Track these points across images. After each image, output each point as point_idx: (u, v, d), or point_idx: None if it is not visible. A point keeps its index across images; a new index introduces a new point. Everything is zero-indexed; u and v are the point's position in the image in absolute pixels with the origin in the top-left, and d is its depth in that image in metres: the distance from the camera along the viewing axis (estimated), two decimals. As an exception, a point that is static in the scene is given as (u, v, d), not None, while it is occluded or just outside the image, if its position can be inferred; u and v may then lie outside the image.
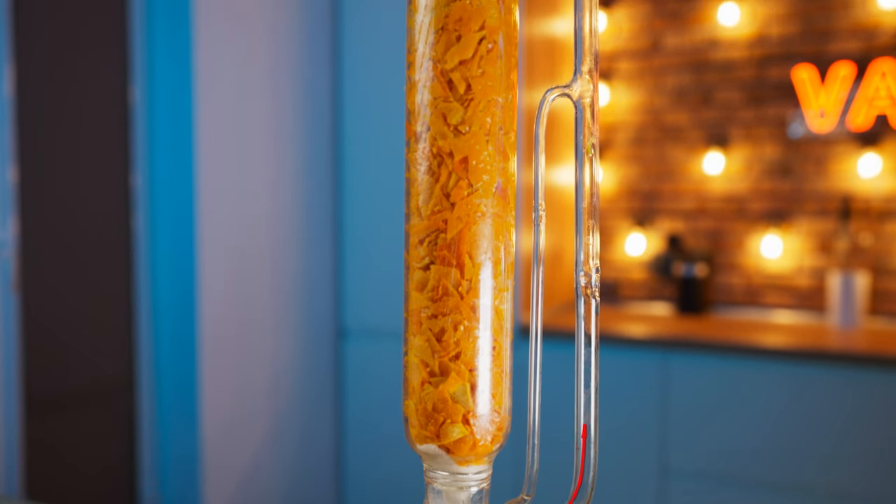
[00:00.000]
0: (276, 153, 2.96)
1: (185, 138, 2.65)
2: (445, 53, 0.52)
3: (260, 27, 2.88)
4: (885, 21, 2.85)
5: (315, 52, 3.11)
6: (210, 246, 2.70)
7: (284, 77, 2.98)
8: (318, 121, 3.13)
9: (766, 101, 3.04)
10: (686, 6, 3.15)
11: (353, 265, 3.17)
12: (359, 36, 3.12)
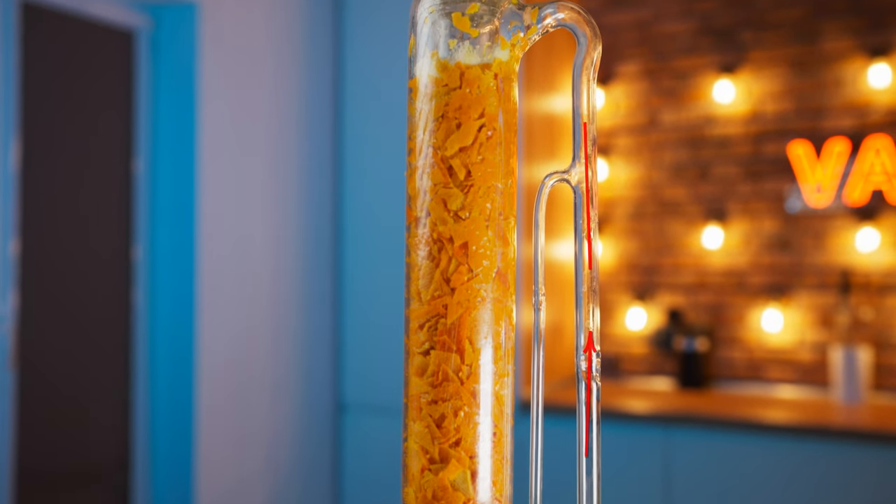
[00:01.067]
0: (277, 225, 2.97)
1: (186, 210, 2.67)
2: (446, 140, 0.53)
3: (263, 97, 2.93)
4: (877, 99, 2.90)
5: (317, 124, 3.15)
6: (209, 320, 2.69)
7: (286, 148, 3.02)
8: (320, 191, 3.16)
9: (764, 176, 3.07)
10: (682, 84, 3.21)
11: (353, 338, 3.16)
12: (360, 107, 3.17)
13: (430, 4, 0.53)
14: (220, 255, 2.74)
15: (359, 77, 3.18)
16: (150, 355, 2.73)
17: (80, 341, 2.53)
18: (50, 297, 2.43)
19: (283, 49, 3.01)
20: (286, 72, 3.02)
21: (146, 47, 2.73)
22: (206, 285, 2.68)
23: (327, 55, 3.21)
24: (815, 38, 3.00)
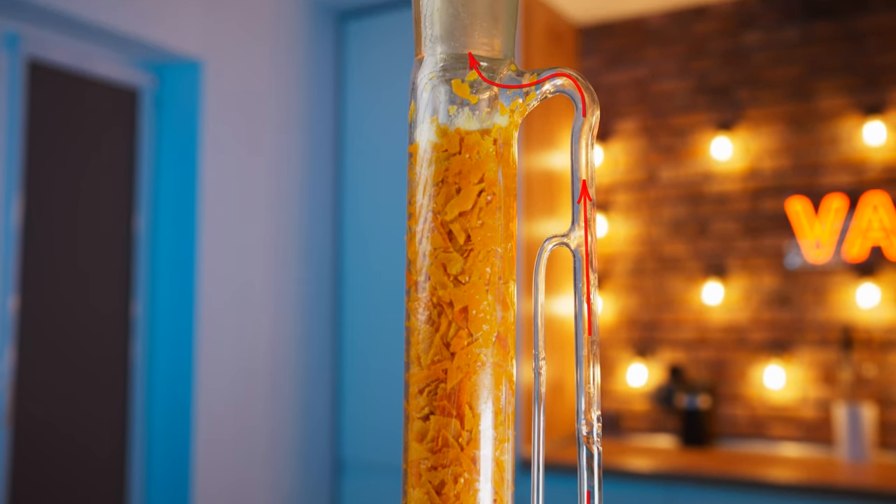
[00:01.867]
0: (276, 283, 2.97)
1: (186, 267, 2.67)
2: (445, 205, 0.53)
3: (264, 156, 2.95)
4: (873, 156, 2.92)
5: (317, 183, 3.17)
6: (207, 377, 2.67)
7: (287, 206, 3.03)
8: (320, 249, 3.17)
9: (762, 231, 3.08)
10: (680, 141, 3.24)
11: (353, 396, 3.13)
12: (360, 169, 3.19)
13: (431, 71, 0.54)
14: (219, 312, 2.73)
15: (359, 139, 3.21)
16: (148, 411, 2.70)
17: (78, 397, 2.51)
18: (48, 353, 2.42)
19: (286, 108, 3.04)
20: (288, 131, 3.05)
21: (150, 105, 2.76)
22: (204, 342, 2.66)
23: (328, 116, 3.24)
24: (810, 96, 3.04)
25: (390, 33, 3.18)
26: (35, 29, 2.40)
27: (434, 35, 0.54)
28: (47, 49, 2.43)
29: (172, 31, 2.60)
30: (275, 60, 3.00)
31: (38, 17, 2.33)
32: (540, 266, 0.56)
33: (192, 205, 2.68)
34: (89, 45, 2.55)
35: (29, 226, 2.37)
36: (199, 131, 2.69)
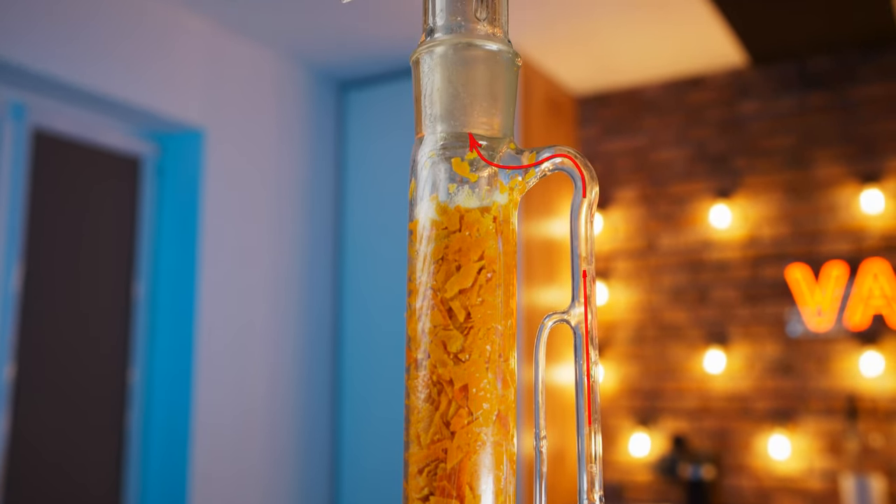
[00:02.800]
0: (275, 357, 2.95)
1: (185, 335, 2.66)
2: (445, 282, 0.53)
3: (265, 224, 2.96)
4: (871, 224, 2.94)
5: (318, 256, 3.18)
6: (203, 448, 2.64)
7: (287, 277, 3.03)
8: (319, 325, 3.15)
9: (763, 299, 3.07)
10: (678, 209, 3.26)
11: (351, 481, 3.08)
12: (360, 243, 3.20)
13: (431, 149, 0.54)
14: (216, 381, 2.71)
15: (360, 208, 3.23)
16: (143, 481, 2.66)
17: (74, 465, 2.47)
18: (44, 421, 2.39)
19: (287, 177, 3.07)
20: (289, 200, 3.07)
21: (151, 173, 2.78)
22: (201, 411, 2.64)
23: (329, 185, 3.27)
24: (807, 164, 3.07)
25: (391, 103, 3.23)
26: (41, 98, 2.44)
27: (434, 114, 0.54)
28: (52, 118, 2.46)
29: (175, 100, 2.64)
30: (276, 129, 3.04)
31: (44, 87, 2.37)
32: (540, 344, 0.56)
33: (191, 272, 2.68)
34: (93, 115, 2.59)
35: (28, 293, 2.36)
36: (200, 199, 2.71)
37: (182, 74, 2.68)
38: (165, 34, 2.63)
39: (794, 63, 3.14)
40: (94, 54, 2.41)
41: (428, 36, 0.55)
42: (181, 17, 2.69)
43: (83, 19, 2.38)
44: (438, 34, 0.54)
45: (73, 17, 2.36)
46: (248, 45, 2.95)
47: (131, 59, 2.52)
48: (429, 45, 0.54)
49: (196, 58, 2.73)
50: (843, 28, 2.92)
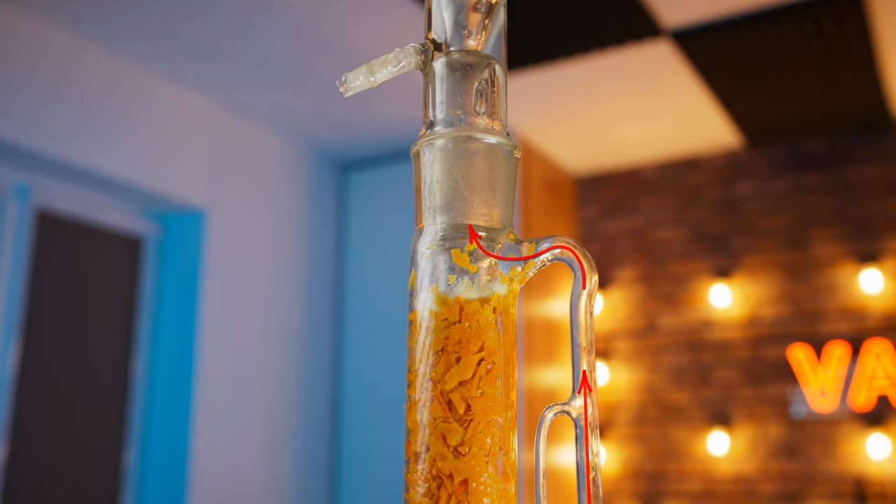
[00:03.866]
0: (273, 438, 2.91)
1: (182, 414, 2.63)
2: (445, 374, 0.53)
3: (264, 305, 2.96)
4: (872, 304, 2.93)
5: (317, 340, 3.17)
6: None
7: (286, 359, 3.01)
8: (318, 410, 3.12)
9: (765, 379, 3.05)
10: (678, 288, 3.26)
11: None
12: (360, 334, 3.19)
13: (431, 240, 0.55)
14: (213, 463, 2.66)
15: (360, 290, 3.23)
16: (134, 570, 2.59)
17: (61, 555, 2.41)
18: (38, 502, 2.34)
19: (287, 257, 3.08)
20: (289, 280, 3.08)
21: (153, 253, 2.79)
22: (197, 494, 2.58)
23: (329, 266, 3.28)
24: (805, 244, 3.08)
25: (392, 184, 3.26)
26: (45, 179, 2.47)
27: (434, 205, 0.55)
28: (55, 199, 2.48)
29: (177, 181, 2.67)
30: (278, 210, 3.06)
31: (48, 168, 2.40)
32: (541, 437, 0.55)
33: (190, 352, 2.66)
34: (96, 195, 2.61)
35: (24, 372, 2.34)
36: (201, 280, 2.71)
37: (185, 155, 2.71)
38: (169, 115, 2.67)
39: (790, 144, 3.18)
40: (98, 135, 2.44)
41: (428, 129, 0.56)
42: (185, 98, 2.74)
43: (87, 101, 2.43)
44: (438, 127, 0.55)
45: (78, 98, 2.40)
46: (251, 127, 2.99)
47: (135, 139, 2.55)
48: (429, 138, 0.55)
49: (199, 139, 2.77)
50: (836, 110, 2.97)
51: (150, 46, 2.53)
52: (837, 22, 2.43)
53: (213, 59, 2.63)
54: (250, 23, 2.45)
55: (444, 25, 0.57)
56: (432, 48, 0.57)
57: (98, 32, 2.44)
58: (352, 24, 2.48)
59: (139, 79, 2.60)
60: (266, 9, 2.38)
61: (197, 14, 2.39)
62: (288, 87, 2.80)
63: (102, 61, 2.48)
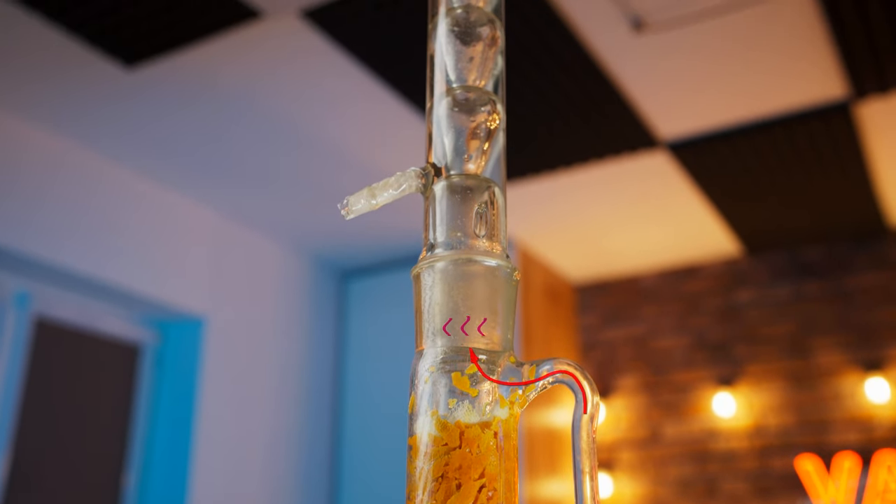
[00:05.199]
0: (267, 547, 2.82)
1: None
2: (445, 501, 0.51)
3: (261, 417, 2.91)
4: (879, 414, 2.89)
5: (314, 454, 3.10)
6: None
7: (283, 473, 2.94)
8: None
9: (774, 492, 2.97)
10: (681, 397, 3.22)
11: None
12: (359, 452, 3.14)
13: (431, 363, 0.54)
14: (205, 579, 2.57)
15: (359, 403, 3.19)
16: None
17: None
18: None
19: (286, 364, 3.05)
20: (287, 386, 3.04)
21: (150, 361, 2.77)
22: None
23: (328, 374, 3.25)
24: (807, 352, 3.06)
25: (392, 293, 3.27)
26: (45, 286, 2.47)
27: (434, 328, 0.54)
28: (54, 306, 2.48)
29: (177, 288, 2.67)
30: (277, 317, 3.05)
31: (48, 275, 2.40)
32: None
33: (184, 465, 2.60)
34: (95, 302, 2.61)
35: (13, 483, 2.29)
36: (198, 388, 2.68)
37: (185, 262, 2.73)
38: (170, 222, 2.70)
39: (788, 252, 3.20)
40: (99, 242, 2.46)
41: (429, 251, 0.56)
42: (186, 205, 2.77)
43: (88, 208, 2.46)
44: (439, 249, 0.55)
45: (79, 205, 2.43)
46: (252, 235, 3.02)
47: (135, 246, 2.57)
48: (429, 261, 0.55)
49: (199, 246, 2.79)
50: (832, 219, 3.01)
51: (152, 155, 2.57)
52: (829, 134, 2.49)
53: (214, 168, 2.67)
54: (251, 133, 2.51)
55: (444, 150, 0.58)
56: (433, 172, 0.58)
57: (100, 141, 2.49)
58: (352, 135, 2.54)
59: (141, 186, 2.63)
60: (267, 120, 2.44)
61: (198, 124, 2.45)
62: (288, 195, 2.84)
63: (103, 169, 2.53)
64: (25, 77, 2.20)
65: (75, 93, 2.26)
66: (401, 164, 2.67)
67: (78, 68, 2.16)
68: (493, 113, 0.59)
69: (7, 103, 2.28)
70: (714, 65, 2.24)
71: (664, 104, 2.39)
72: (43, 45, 2.07)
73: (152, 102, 2.33)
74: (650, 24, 2.06)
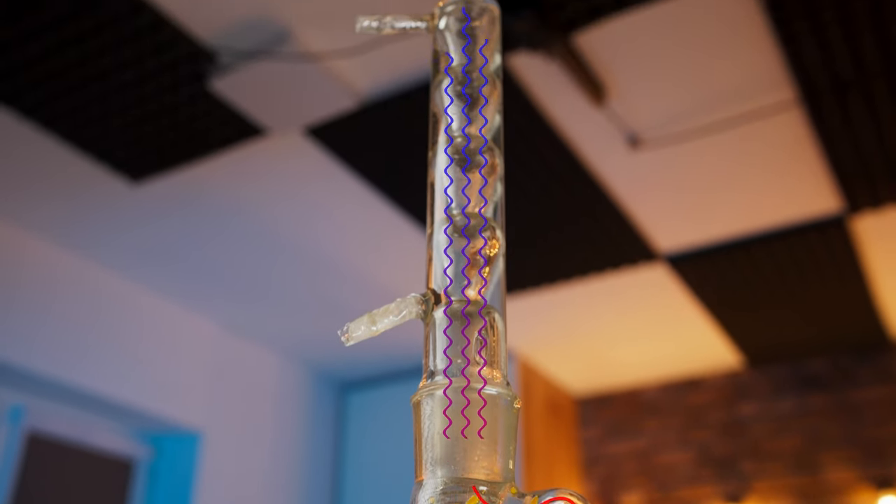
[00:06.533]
0: None
1: None
2: None
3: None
4: (892, 533, 2.80)
5: (310, 561, 3.00)
6: None
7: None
8: None
9: None
10: (688, 515, 3.13)
11: None
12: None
13: (431, 494, 0.53)
14: None
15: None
16: None
17: None
18: None
19: (283, 479, 2.98)
20: (284, 501, 2.96)
21: (144, 476, 2.71)
22: None
23: (326, 487, 3.17)
24: (815, 468, 2.99)
25: (392, 406, 3.22)
26: (40, 400, 2.44)
27: (434, 458, 0.53)
28: (48, 420, 2.44)
29: (173, 402, 2.63)
30: (275, 430, 3.00)
31: (43, 389, 2.38)
32: None
33: (174, 586, 2.51)
34: (89, 416, 2.57)
35: None
36: (193, 503, 2.61)
37: (181, 375, 2.70)
38: (170, 335, 2.69)
39: (790, 365, 3.18)
40: (93, 354, 2.44)
41: (429, 378, 0.56)
42: (183, 317, 2.76)
43: (86, 321, 2.45)
44: (438, 377, 0.55)
45: (78, 318, 2.42)
46: (250, 347, 3.00)
47: (133, 359, 2.55)
48: (429, 388, 0.55)
49: (196, 358, 2.77)
50: (834, 331, 2.99)
51: (153, 267, 2.59)
52: (827, 247, 2.51)
53: (214, 280, 2.68)
54: (253, 245, 2.53)
55: (444, 275, 0.58)
56: (433, 298, 0.58)
57: (101, 253, 2.50)
58: (353, 248, 2.56)
59: (139, 298, 2.64)
60: (269, 233, 2.46)
61: (200, 237, 2.47)
62: (287, 306, 2.84)
63: (101, 280, 2.54)
64: (31, 190, 2.24)
65: (79, 206, 2.29)
66: (401, 278, 2.68)
67: (84, 183, 2.20)
68: (493, 239, 0.60)
69: (8, 215, 2.31)
70: (710, 180, 2.28)
71: (662, 218, 2.42)
72: (53, 161, 2.12)
73: (155, 215, 2.36)
74: (646, 141, 2.11)
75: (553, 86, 1.93)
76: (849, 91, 1.92)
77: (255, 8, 1.74)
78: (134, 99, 1.94)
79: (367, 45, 1.78)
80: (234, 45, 1.80)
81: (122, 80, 1.88)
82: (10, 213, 2.30)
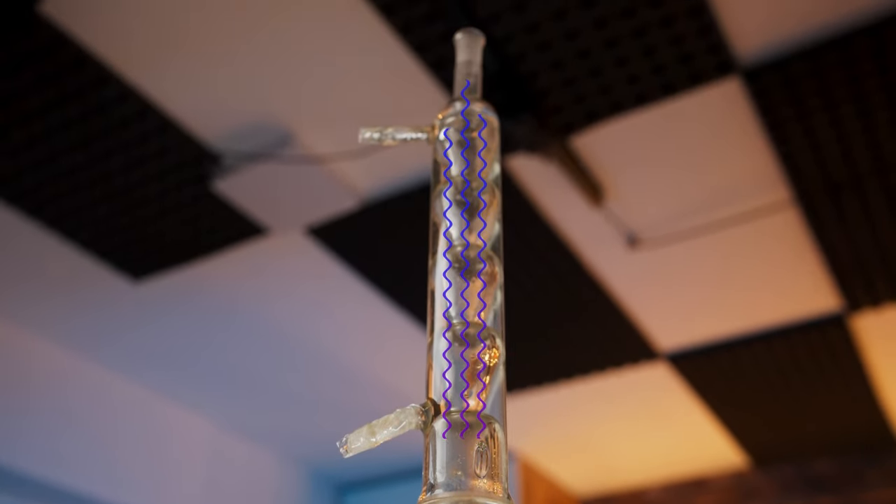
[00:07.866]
0: None
1: None
2: None
3: None
4: None
5: None
6: None
7: None
8: None
9: None
10: None
11: None
12: None
13: None
14: None
15: None
16: None
17: None
18: None
19: (277, 585, 2.89)
20: None
21: (134, 584, 2.62)
22: None
23: (322, 590, 3.07)
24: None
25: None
26: (30, 502, 2.38)
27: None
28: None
29: (169, 503, 2.57)
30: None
31: (34, 491, 2.32)
32: None
33: None
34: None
35: None
36: None
37: (176, 475, 2.64)
38: (166, 435, 2.64)
39: (796, 465, 3.12)
40: (85, 455, 2.40)
41: (428, 491, 0.55)
42: (183, 417, 2.72)
43: (74, 418, 2.41)
44: (438, 490, 0.54)
45: (73, 419, 2.39)
46: (248, 446, 2.95)
47: (128, 461, 2.50)
48: (429, 502, 0.54)
49: (191, 457, 2.72)
50: (838, 432, 2.95)
51: (151, 365, 2.57)
52: (828, 345, 2.49)
53: (213, 378, 2.66)
54: (253, 344, 2.52)
55: (444, 385, 0.58)
56: (433, 409, 0.57)
57: (100, 351, 2.49)
58: (353, 347, 2.55)
59: (136, 396, 2.61)
60: (269, 332, 2.45)
61: (199, 335, 2.46)
62: (286, 404, 2.81)
63: (90, 376, 2.51)
64: (31, 288, 2.24)
65: (79, 304, 2.29)
66: (401, 377, 2.66)
67: (85, 282, 2.21)
68: (493, 348, 0.60)
69: (7, 313, 2.31)
70: (709, 279, 2.29)
71: (662, 317, 2.42)
72: (54, 259, 2.13)
73: (156, 313, 2.35)
74: (644, 240, 2.12)
75: (551, 187, 1.96)
76: (842, 191, 1.95)
77: (259, 112, 1.78)
78: (138, 199, 1.97)
79: (369, 147, 1.82)
80: (237, 147, 1.84)
81: (128, 182, 1.91)
82: (9, 311, 2.29)
